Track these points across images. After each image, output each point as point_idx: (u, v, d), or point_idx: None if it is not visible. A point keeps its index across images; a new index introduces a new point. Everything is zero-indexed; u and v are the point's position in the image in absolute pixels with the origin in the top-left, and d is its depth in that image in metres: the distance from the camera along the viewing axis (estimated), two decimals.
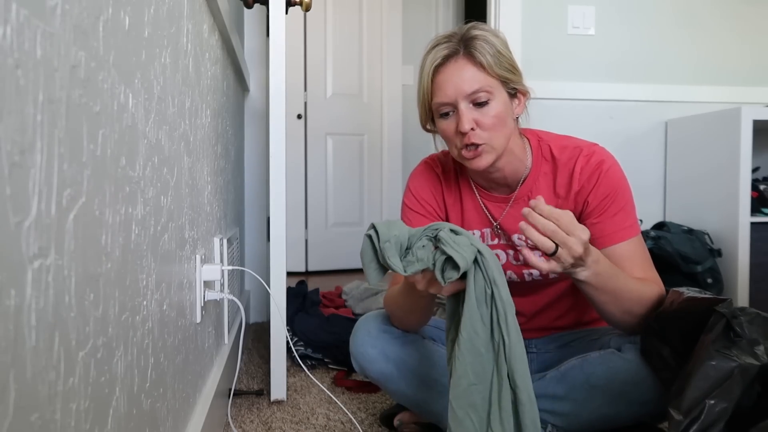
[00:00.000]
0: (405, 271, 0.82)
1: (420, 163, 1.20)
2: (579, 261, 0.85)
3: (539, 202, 0.82)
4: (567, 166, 1.06)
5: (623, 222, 1.02)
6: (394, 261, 0.81)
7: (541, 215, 0.82)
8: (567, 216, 0.82)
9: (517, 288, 1.16)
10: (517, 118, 1.08)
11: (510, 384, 0.80)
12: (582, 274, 0.88)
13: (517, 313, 1.18)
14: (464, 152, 1.01)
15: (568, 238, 0.82)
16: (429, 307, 1.03)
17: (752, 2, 2.36)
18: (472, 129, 0.98)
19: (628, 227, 1.02)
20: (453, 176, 1.16)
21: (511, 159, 1.06)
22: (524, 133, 1.11)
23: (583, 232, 0.82)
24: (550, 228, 0.82)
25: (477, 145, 0.99)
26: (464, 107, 0.98)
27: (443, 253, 0.79)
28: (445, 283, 0.80)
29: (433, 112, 1.04)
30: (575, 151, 1.07)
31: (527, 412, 0.79)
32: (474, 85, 0.98)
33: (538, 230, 0.82)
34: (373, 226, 0.84)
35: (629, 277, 0.96)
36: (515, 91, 1.04)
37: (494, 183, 1.11)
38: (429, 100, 1.02)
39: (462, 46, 0.99)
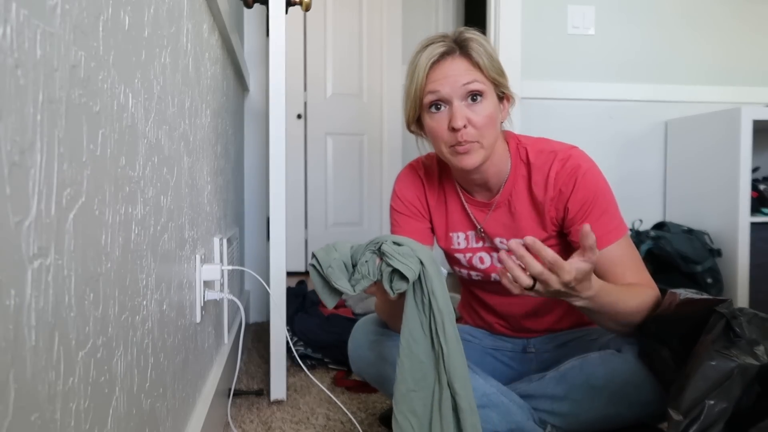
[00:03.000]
0: (354, 291, 0.83)
1: (404, 168, 1.21)
2: (565, 294, 0.85)
3: (535, 241, 0.80)
4: (542, 170, 1.06)
5: (608, 225, 1.02)
6: (341, 283, 0.83)
7: (528, 252, 0.81)
8: (551, 255, 0.81)
9: (504, 289, 1.16)
10: (501, 123, 1.08)
11: (450, 392, 0.81)
12: (577, 303, 0.88)
13: (509, 315, 1.19)
14: (455, 148, 1.01)
15: (550, 276, 0.81)
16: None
17: (752, 2, 2.36)
18: (465, 126, 0.99)
19: (614, 229, 1.02)
20: (436, 178, 1.16)
21: (494, 162, 1.07)
22: (504, 137, 1.12)
23: (566, 274, 0.81)
24: (536, 269, 0.81)
25: (469, 142, 1.00)
26: (458, 104, 0.99)
27: (389, 265, 0.80)
28: (394, 294, 0.81)
29: (422, 109, 1.04)
30: (550, 155, 1.06)
31: (468, 419, 0.80)
32: (469, 78, 0.99)
33: (522, 263, 0.81)
34: (314, 255, 0.85)
35: (628, 295, 0.95)
36: (503, 95, 1.05)
37: (476, 186, 1.11)
38: (421, 95, 1.02)
39: (458, 46, 1.01)
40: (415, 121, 1.07)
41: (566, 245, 1.08)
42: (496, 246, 1.12)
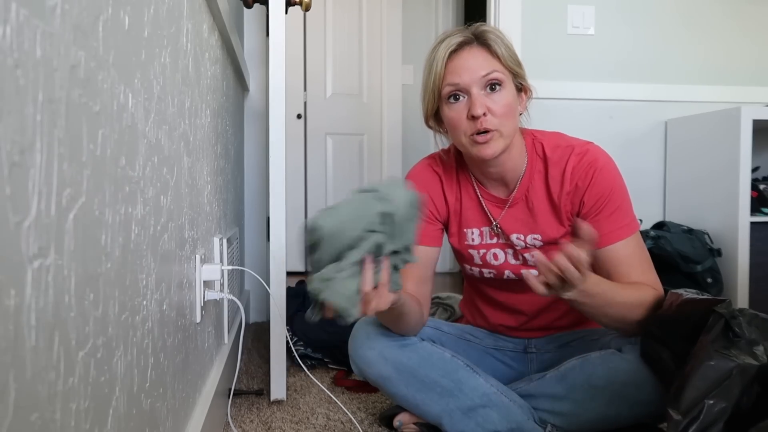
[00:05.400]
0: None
1: (418, 163, 1.20)
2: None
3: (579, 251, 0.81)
4: (558, 165, 1.06)
5: (620, 221, 1.02)
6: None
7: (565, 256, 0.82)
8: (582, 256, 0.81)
9: (516, 286, 1.16)
10: (519, 116, 1.08)
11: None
12: (566, 295, 0.88)
13: (518, 312, 1.19)
14: (475, 137, 1.00)
15: (575, 277, 0.82)
16: (401, 318, 1.02)
17: (752, 1, 2.36)
18: (484, 114, 0.98)
19: (626, 226, 1.02)
20: (454, 174, 1.16)
21: (512, 155, 1.07)
22: (520, 132, 1.12)
23: (584, 264, 0.82)
24: (571, 273, 0.82)
25: (488, 131, 0.99)
26: (477, 92, 0.99)
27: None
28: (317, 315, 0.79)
29: (440, 101, 1.04)
30: (567, 149, 1.06)
31: None
32: (489, 68, 0.99)
33: (556, 267, 0.82)
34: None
35: (620, 289, 0.95)
36: (521, 86, 1.05)
37: (493, 180, 1.11)
38: (440, 85, 1.02)
39: (475, 37, 1.02)
40: (433, 116, 1.07)
41: None
42: (512, 242, 1.11)
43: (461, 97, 1.01)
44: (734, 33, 2.36)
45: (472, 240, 1.15)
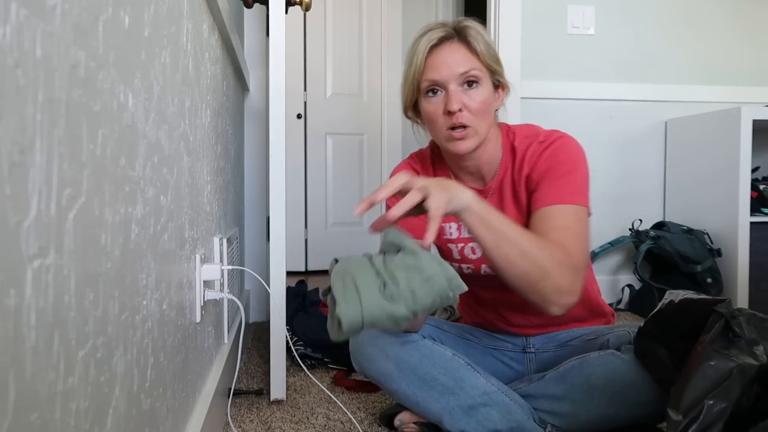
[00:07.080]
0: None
1: (400, 163, 1.24)
2: (450, 192, 0.82)
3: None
4: (521, 152, 1.08)
5: (560, 189, 0.98)
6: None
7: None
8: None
9: (498, 282, 1.15)
10: (496, 111, 1.10)
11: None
12: (458, 212, 0.84)
13: (502, 309, 1.19)
14: (452, 133, 1.02)
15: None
16: None
17: (753, 1, 2.36)
18: (460, 110, 1.00)
19: (566, 194, 0.97)
20: (430, 168, 1.18)
21: (487, 149, 1.08)
22: (498, 127, 1.13)
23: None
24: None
25: (464, 127, 1.01)
26: (454, 88, 1.01)
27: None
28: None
29: (419, 93, 1.06)
30: (532, 138, 1.07)
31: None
32: (467, 65, 1.01)
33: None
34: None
35: (521, 231, 0.88)
36: (498, 83, 1.07)
37: (468, 174, 1.12)
38: (419, 79, 1.04)
39: (456, 33, 1.03)
40: (412, 107, 1.09)
41: None
42: None
43: (439, 92, 1.03)
44: (734, 33, 2.36)
45: (450, 234, 1.15)
